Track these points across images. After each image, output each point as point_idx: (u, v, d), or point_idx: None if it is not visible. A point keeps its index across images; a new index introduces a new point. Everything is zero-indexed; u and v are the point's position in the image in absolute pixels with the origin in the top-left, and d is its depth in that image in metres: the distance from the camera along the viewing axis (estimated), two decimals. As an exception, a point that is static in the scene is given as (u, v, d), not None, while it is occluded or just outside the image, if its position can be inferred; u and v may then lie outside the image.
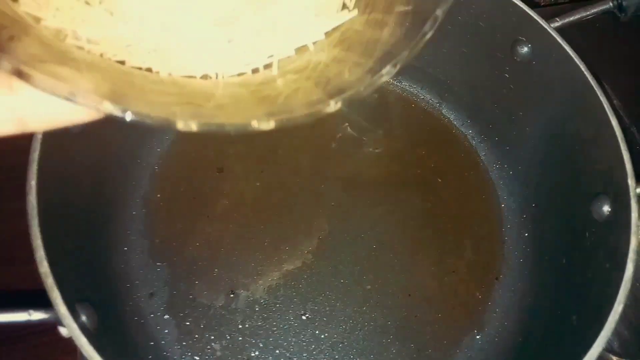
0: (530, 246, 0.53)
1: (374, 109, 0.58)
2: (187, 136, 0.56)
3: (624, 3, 0.48)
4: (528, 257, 0.52)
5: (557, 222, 0.49)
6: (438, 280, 0.51)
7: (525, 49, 0.49)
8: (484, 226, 0.54)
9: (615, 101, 0.62)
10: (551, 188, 0.50)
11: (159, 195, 0.53)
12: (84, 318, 0.36)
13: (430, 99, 0.60)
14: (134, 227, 0.51)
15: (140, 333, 0.46)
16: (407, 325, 0.48)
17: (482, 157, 0.57)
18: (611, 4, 0.48)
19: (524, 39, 0.48)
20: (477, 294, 0.51)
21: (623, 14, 0.48)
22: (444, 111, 0.60)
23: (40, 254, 0.35)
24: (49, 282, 0.34)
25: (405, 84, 0.60)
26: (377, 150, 0.56)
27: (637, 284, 0.51)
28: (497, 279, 0.52)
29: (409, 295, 0.50)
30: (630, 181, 0.40)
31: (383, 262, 0.51)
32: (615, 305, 0.36)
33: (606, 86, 0.61)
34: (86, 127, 0.42)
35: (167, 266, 0.49)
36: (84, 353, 0.33)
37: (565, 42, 0.45)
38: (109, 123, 0.46)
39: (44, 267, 0.35)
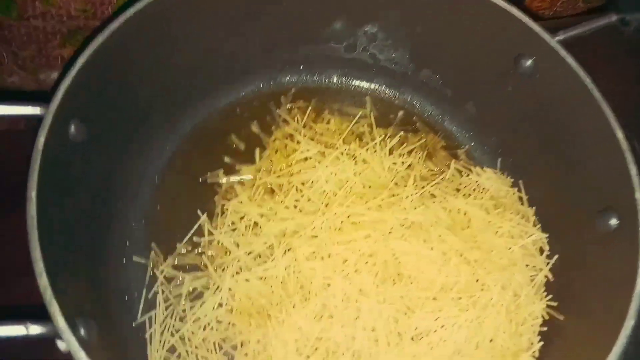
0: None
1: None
2: (189, 148, 0.56)
3: (627, 17, 0.48)
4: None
5: (563, 235, 0.49)
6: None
7: (529, 63, 0.49)
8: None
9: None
10: (556, 201, 0.50)
11: (159, 208, 0.53)
12: (82, 332, 0.36)
13: (432, 111, 0.60)
14: (134, 239, 0.50)
15: (139, 347, 0.45)
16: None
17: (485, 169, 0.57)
18: (614, 18, 0.48)
19: (527, 52, 0.49)
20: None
21: (626, 28, 0.48)
22: (445, 124, 0.59)
23: (39, 266, 0.34)
24: (48, 295, 0.34)
25: (407, 96, 0.60)
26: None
27: None
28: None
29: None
30: (638, 195, 0.40)
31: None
32: (627, 321, 0.36)
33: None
34: (89, 136, 0.43)
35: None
36: (83, 368, 0.33)
37: (569, 55, 0.45)
38: (111, 134, 0.46)
39: (43, 280, 0.34)
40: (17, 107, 0.39)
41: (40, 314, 0.34)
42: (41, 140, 0.37)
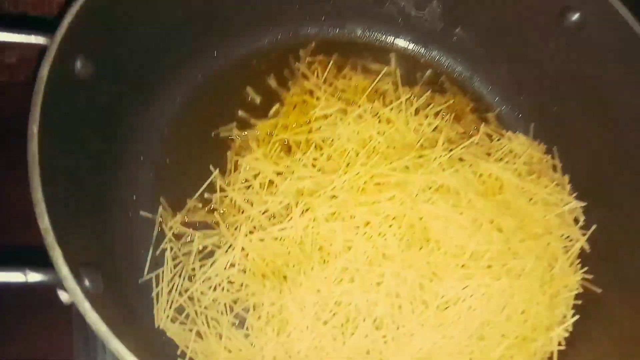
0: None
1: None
2: (201, 100, 0.52)
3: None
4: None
5: (602, 204, 0.45)
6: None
7: (575, 17, 0.45)
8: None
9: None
10: (595, 167, 0.47)
11: (168, 161, 0.49)
12: (87, 283, 0.32)
13: (462, 71, 0.56)
14: (142, 193, 0.47)
15: (145, 306, 0.42)
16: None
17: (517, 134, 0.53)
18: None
19: (574, 5, 0.45)
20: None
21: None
22: (475, 85, 0.56)
23: (40, 208, 0.31)
24: (50, 240, 0.31)
25: (436, 54, 0.56)
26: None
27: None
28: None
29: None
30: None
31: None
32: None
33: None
34: (95, 74, 0.39)
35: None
36: (88, 320, 0.30)
37: (623, 7, 0.41)
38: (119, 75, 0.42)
39: (44, 223, 0.31)
40: (21, 36, 0.36)
41: (41, 262, 0.31)
42: (45, 71, 0.34)
